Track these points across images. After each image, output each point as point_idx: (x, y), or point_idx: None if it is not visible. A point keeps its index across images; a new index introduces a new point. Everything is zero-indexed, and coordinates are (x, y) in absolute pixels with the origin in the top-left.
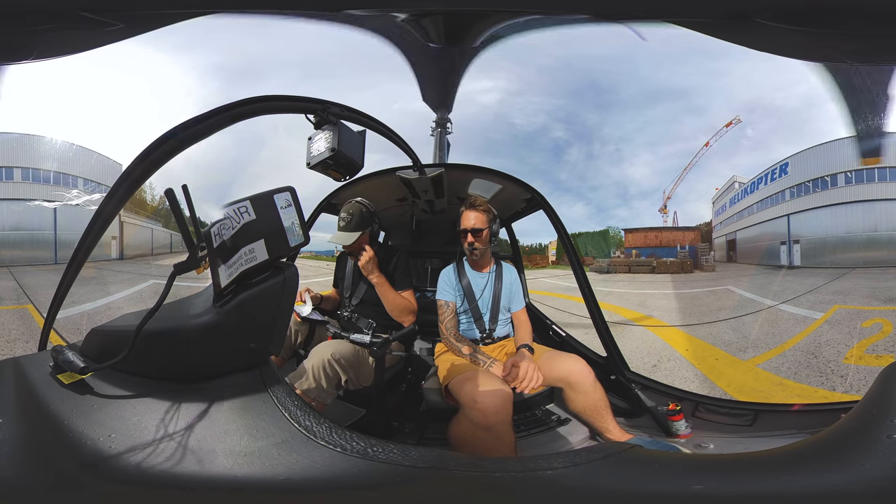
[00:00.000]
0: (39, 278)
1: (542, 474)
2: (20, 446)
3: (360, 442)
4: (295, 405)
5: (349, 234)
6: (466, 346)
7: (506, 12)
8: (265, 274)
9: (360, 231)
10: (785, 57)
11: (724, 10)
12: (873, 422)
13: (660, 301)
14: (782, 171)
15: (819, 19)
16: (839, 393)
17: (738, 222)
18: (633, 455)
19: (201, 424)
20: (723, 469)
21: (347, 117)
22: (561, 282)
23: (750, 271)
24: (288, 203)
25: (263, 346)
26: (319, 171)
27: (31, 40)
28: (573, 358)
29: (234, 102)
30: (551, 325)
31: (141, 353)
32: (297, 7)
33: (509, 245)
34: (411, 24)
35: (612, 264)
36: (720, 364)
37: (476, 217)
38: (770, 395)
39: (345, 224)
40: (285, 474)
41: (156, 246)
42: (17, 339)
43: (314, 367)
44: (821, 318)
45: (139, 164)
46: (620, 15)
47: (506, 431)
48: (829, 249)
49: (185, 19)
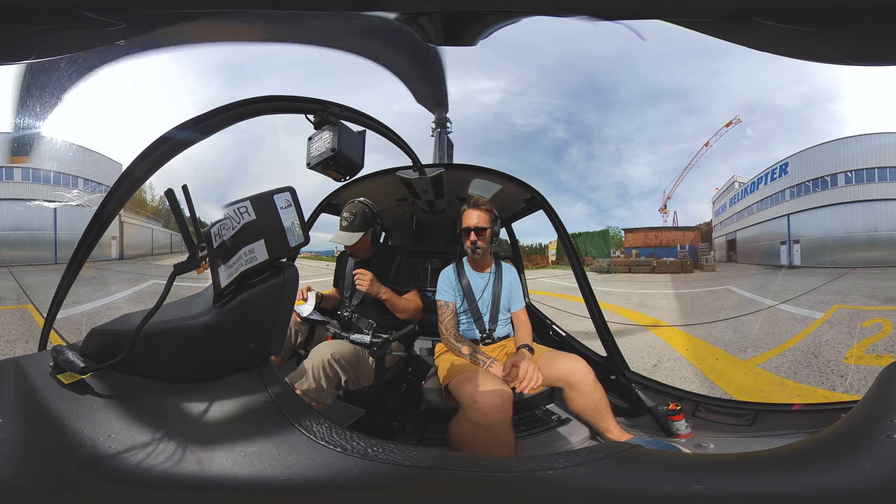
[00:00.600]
0: (39, 278)
1: (543, 474)
2: (20, 446)
3: (361, 442)
4: (295, 405)
5: (352, 234)
6: (466, 346)
7: (504, 12)
8: (265, 274)
9: (362, 231)
10: (785, 57)
11: (723, 10)
12: (873, 421)
13: (660, 301)
14: (782, 171)
15: (819, 19)
16: (839, 393)
17: (738, 222)
18: (634, 455)
19: (201, 424)
20: (723, 469)
21: (347, 117)
22: (561, 282)
23: (750, 271)
24: (288, 203)
25: (263, 347)
26: (319, 171)
27: (31, 40)
28: (573, 358)
29: (234, 102)
30: (551, 325)
31: (141, 353)
32: (297, 7)
33: (509, 245)
34: (408, 24)
35: (612, 264)
36: (720, 364)
37: (479, 216)
38: (770, 394)
39: (347, 224)
40: (285, 474)
41: (156, 246)
42: (17, 339)
43: (314, 367)
44: (821, 318)
45: (139, 164)
46: (620, 14)
47: (506, 431)
48: (829, 249)
49: (187, 19)
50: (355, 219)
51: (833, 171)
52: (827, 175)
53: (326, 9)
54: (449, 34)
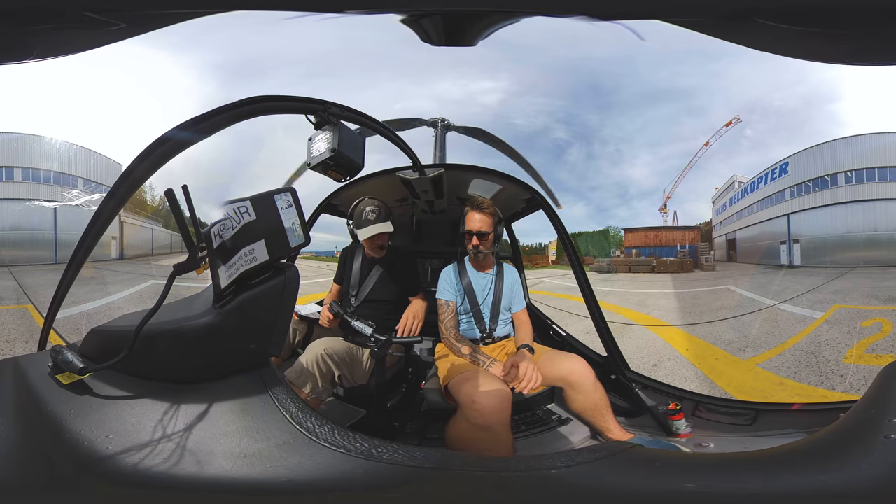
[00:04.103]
0: (39, 278)
1: (547, 473)
2: (18, 446)
3: (364, 443)
4: (296, 406)
5: (386, 223)
6: (466, 346)
7: (504, 12)
8: (266, 275)
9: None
10: (785, 57)
11: (723, 10)
12: (872, 421)
13: (660, 300)
14: (782, 171)
15: (819, 19)
16: (839, 392)
17: (738, 222)
18: (634, 454)
19: (200, 426)
20: (723, 468)
21: (348, 118)
22: (561, 282)
23: (750, 271)
24: (289, 203)
25: (264, 348)
26: (319, 171)
27: (31, 40)
28: (573, 358)
29: (234, 102)
30: (551, 325)
31: (140, 353)
32: (297, 7)
33: (509, 245)
34: (411, 25)
35: (612, 264)
36: (720, 363)
37: (482, 220)
38: (770, 394)
39: (376, 216)
40: (288, 476)
41: (156, 246)
42: (16, 339)
43: (308, 361)
44: (821, 318)
45: (139, 164)
46: (619, 15)
47: (504, 432)
48: (829, 249)
49: (188, 19)
50: (381, 210)
51: (833, 171)
52: (827, 175)
53: (327, 9)
54: (449, 34)
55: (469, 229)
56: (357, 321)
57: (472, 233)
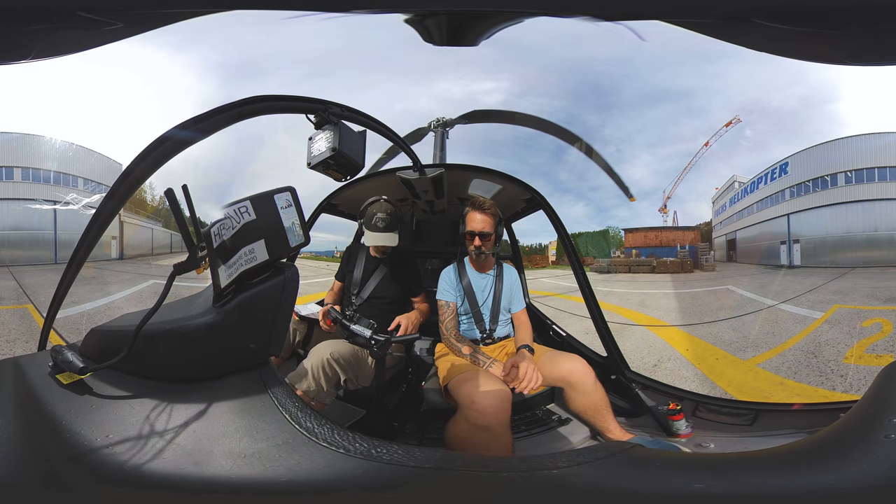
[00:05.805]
0: (39, 278)
1: (548, 473)
2: (18, 446)
3: (364, 443)
4: (296, 406)
5: (392, 234)
6: (466, 346)
7: (506, 12)
8: (265, 274)
9: (397, 231)
10: (784, 57)
11: (722, 11)
12: (872, 421)
13: (660, 301)
14: (782, 171)
15: (817, 19)
16: (839, 392)
17: (738, 222)
18: (635, 454)
19: (200, 426)
20: (723, 468)
21: (348, 117)
22: (561, 282)
23: (750, 271)
24: (288, 203)
25: (263, 347)
26: (320, 171)
27: (29, 40)
28: (573, 358)
29: (234, 102)
30: (551, 326)
31: (140, 353)
32: (297, 6)
33: (509, 245)
34: (413, 24)
35: (612, 264)
36: (720, 363)
37: (483, 220)
38: (770, 394)
39: (385, 225)
40: (287, 476)
41: (156, 246)
42: (16, 339)
43: (313, 366)
44: (821, 318)
45: (139, 164)
46: (620, 15)
47: (503, 432)
48: (829, 249)
49: (185, 18)
50: (391, 219)
51: (833, 171)
52: (827, 175)
53: (328, 9)
54: (451, 34)
55: (471, 230)
56: (356, 325)
57: (473, 233)
